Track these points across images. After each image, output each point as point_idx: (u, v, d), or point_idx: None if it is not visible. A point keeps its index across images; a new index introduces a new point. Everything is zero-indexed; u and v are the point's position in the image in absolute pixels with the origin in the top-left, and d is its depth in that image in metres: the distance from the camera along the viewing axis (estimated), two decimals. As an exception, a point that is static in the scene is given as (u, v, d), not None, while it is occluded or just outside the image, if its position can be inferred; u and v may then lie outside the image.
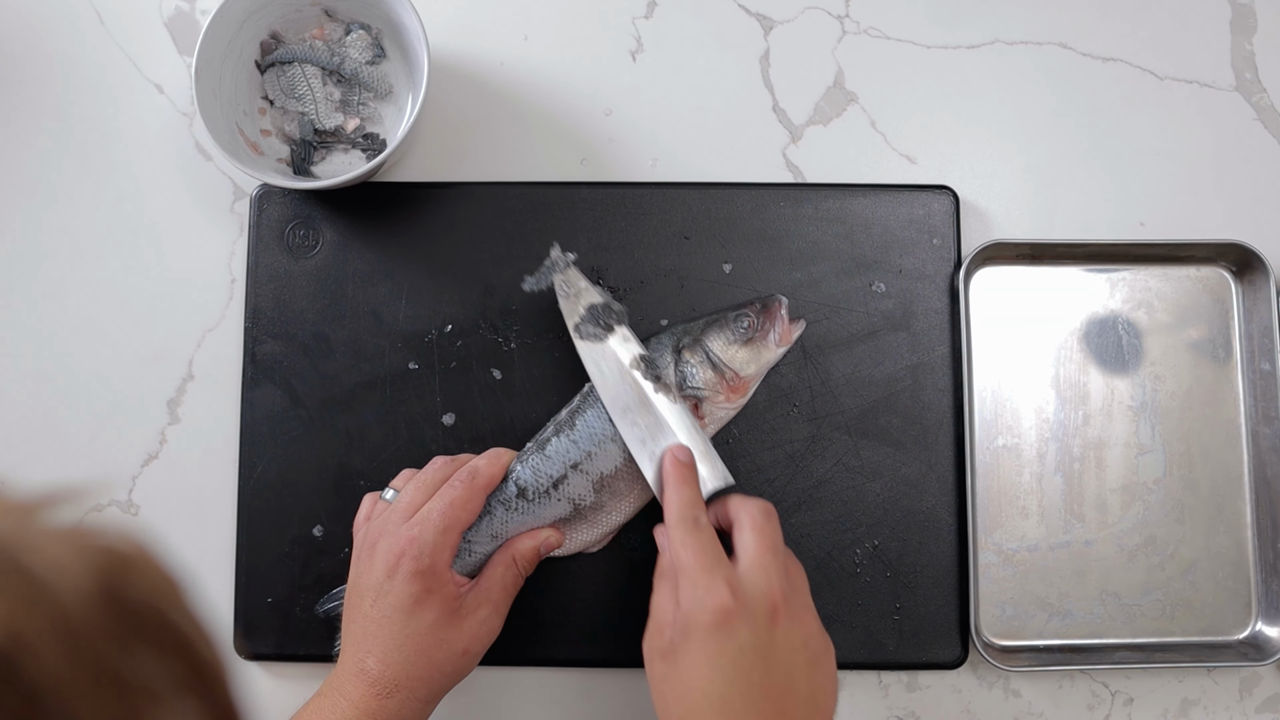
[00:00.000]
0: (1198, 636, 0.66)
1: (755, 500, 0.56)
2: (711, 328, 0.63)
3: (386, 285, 0.67)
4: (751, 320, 0.63)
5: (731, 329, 0.63)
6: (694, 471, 0.57)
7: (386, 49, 0.69)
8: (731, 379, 0.62)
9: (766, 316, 0.63)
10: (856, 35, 0.72)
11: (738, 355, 0.62)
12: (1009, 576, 0.66)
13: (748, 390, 0.63)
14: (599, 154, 0.70)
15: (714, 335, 0.63)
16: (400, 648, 0.55)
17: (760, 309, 0.63)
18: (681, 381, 0.61)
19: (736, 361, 0.62)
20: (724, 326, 0.63)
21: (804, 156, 0.70)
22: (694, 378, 0.62)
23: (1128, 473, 0.67)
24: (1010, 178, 0.70)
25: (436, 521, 0.56)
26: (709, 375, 0.62)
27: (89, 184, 0.70)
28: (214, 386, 0.68)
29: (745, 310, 0.63)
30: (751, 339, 0.63)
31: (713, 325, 0.63)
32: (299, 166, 0.68)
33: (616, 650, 0.64)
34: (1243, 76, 0.71)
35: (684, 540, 0.53)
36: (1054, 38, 0.71)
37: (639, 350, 0.61)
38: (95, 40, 0.71)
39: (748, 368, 0.62)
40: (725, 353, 0.62)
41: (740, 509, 0.55)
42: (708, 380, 0.62)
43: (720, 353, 0.62)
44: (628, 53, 0.71)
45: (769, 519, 0.55)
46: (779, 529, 0.55)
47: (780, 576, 0.53)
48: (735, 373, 0.62)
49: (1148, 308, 0.68)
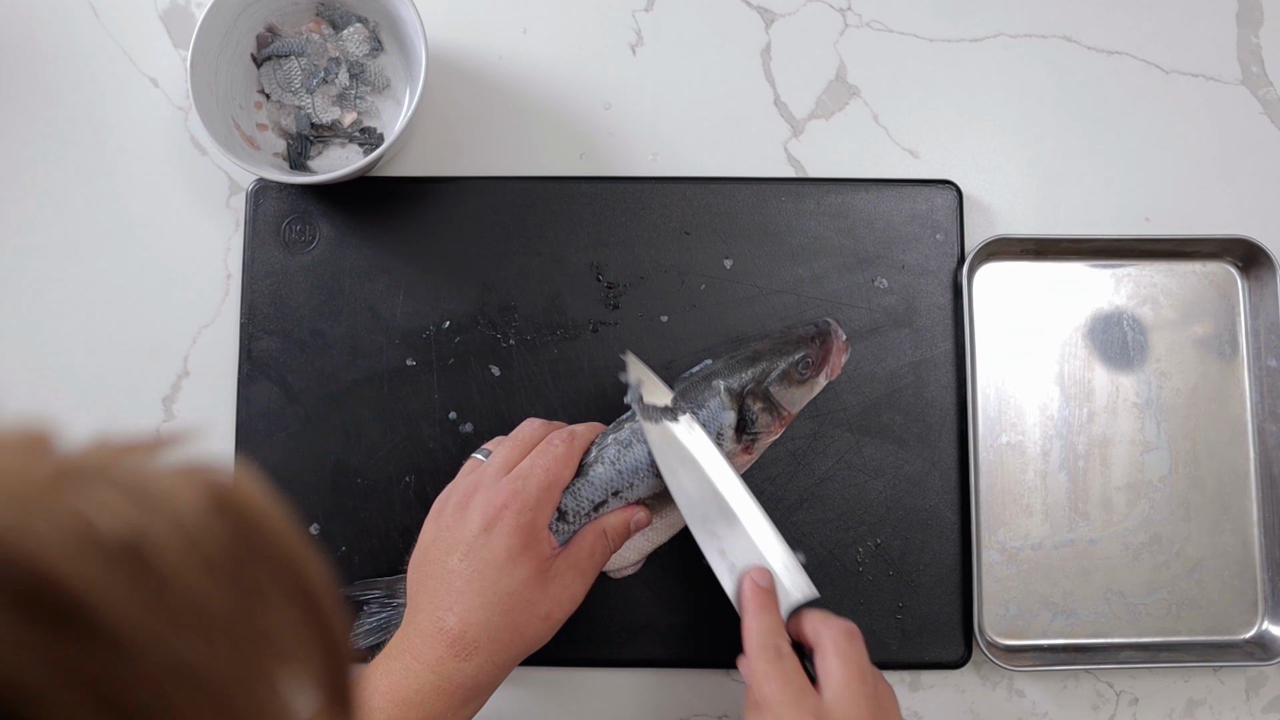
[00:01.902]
0: (1203, 636, 0.65)
1: (837, 621, 0.54)
2: (774, 373, 0.61)
3: (384, 281, 0.67)
4: (813, 361, 0.61)
5: (794, 373, 0.61)
6: (774, 597, 0.56)
7: (384, 42, 0.69)
8: (785, 416, 0.61)
9: (824, 352, 0.61)
10: (859, 28, 0.71)
11: (794, 395, 0.61)
12: (1013, 575, 0.65)
13: (791, 420, 0.62)
14: (598, 148, 0.70)
15: (776, 382, 0.60)
16: (485, 606, 0.53)
17: (819, 345, 0.61)
18: (743, 428, 0.60)
19: (792, 401, 0.61)
20: (786, 371, 0.61)
21: (806, 151, 0.70)
22: (754, 424, 0.60)
23: (1133, 470, 0.66)
24: (1014, 172, 0.70)
25: (540, 477, 0.55)
26: (769, 419, 0.60)
27: (83, 178, 0.69)
28: (210, 383, 0.68)
29: (806, 354, 0.61)
30: (808, 378, 0.61)
31: (774, 369, 0.61)
32: (295, 161, 0.68)
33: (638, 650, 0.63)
34: (1249, 70, 0.70)
35: (767, 673, 0.52)
36: (1058, 31, 0.71)
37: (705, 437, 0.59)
38: (90, 33, 0.71)
39: (799, 404, 0.61)
40: (783, 395, 0.61)
41: (822, 630, 0.53)
42: (765, 424, 0.60)
43: (779, 395, 0.60)
44: (627, 46, 0.71)
45: (853, 641, 0.53)
46: (864, 651, 0.53)
47: (870, 705, 0.51)
48: (789, 410, 0.61)
49: (1153, 304, 0.68)
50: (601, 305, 0.66)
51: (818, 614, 0.55)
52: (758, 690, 0.52)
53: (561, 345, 0.66)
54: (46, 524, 0.22)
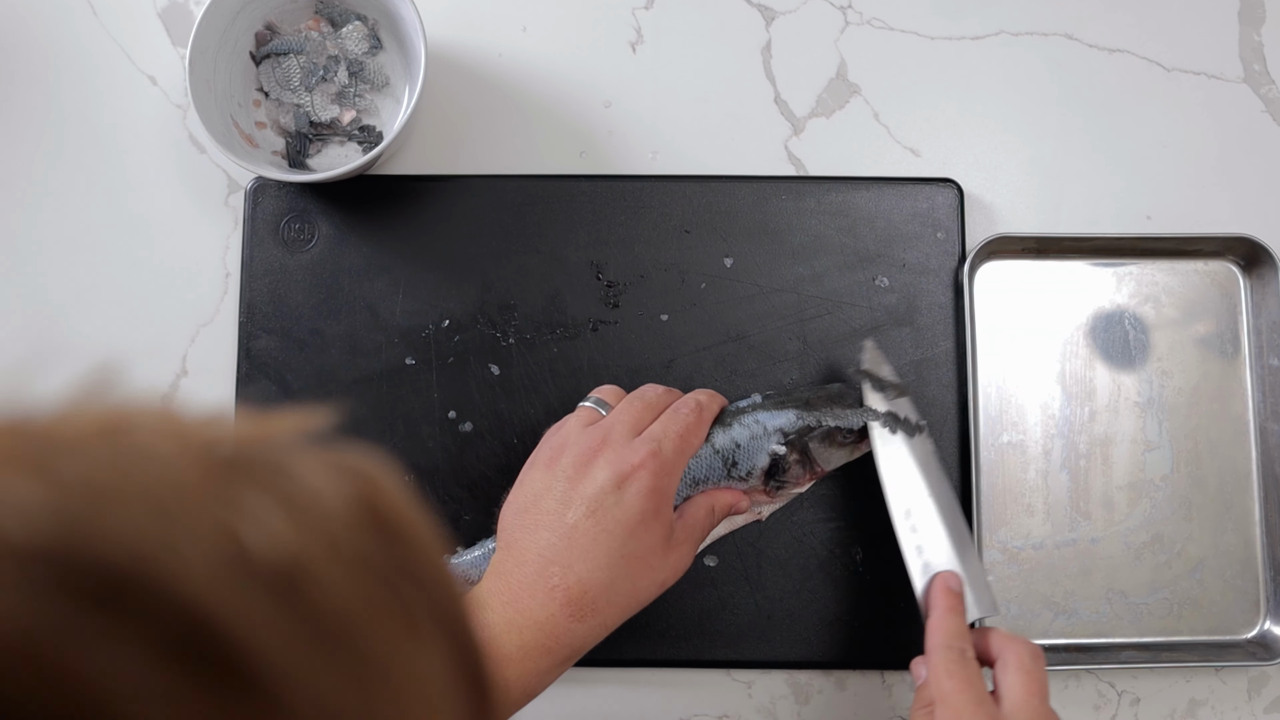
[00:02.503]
0: (1205, 636, 0.65)
1: (1022, 640, 0.54)
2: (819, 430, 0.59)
3: (383, 280, 0.66)
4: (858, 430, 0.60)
5: (839, 435, 0.60)
6: (962, 602, 0.56)
7: (383, 40, 0.69)
8: (817, 472, 0.60)
9: None
10: (859, 26, 0.71)
11: (832, 455, 0.60)
12: (1014, 575, 0.65)
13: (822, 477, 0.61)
14: (598, 146, 0.69)
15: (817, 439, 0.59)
16: (609, 566, 0.51)
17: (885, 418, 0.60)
18: (773, 474, 0.59)
19: (829, 460, 0.60)
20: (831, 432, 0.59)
21: (806, 149, 0.69)
22: (785, 473, 0.59)
23: (1134, 470, 0.66)
24: (1015, 171, 0.69)
25: (675, 443, 0.54)
26: (800, 472, 0.60)
27: (81, 177, 0.69)
28: (208, 382, 0.67)
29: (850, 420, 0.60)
30: (850, 443, 0.61)
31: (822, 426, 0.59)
32: (294, 159, 0.67)
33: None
34: (1251, 68, 0.70)
35: (950, 670, 0.52)
36: (1059, 28, 0.71)
37: None
38: (87, 31, 0.70)
39: (834, 464, 0.61)
40: (821, 453, 0.60)
41: (1006, 647, 0.53)
42: (798, 476, 0.60)
43: (817, 452, 0.60)
44: (627, 44, 0.71)
45: (1037, 661, 0.53)
46: (1046, 675, 0.53)
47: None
48: (823, 469, 0.60)
49: (1155, 302, 0.67)
50: (601, 304, 0.66)
51: (1000, 633, 0.55)
52: (937, 686, 0.52)
53: (561, 344, 0.66)
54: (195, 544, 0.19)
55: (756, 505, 0.61)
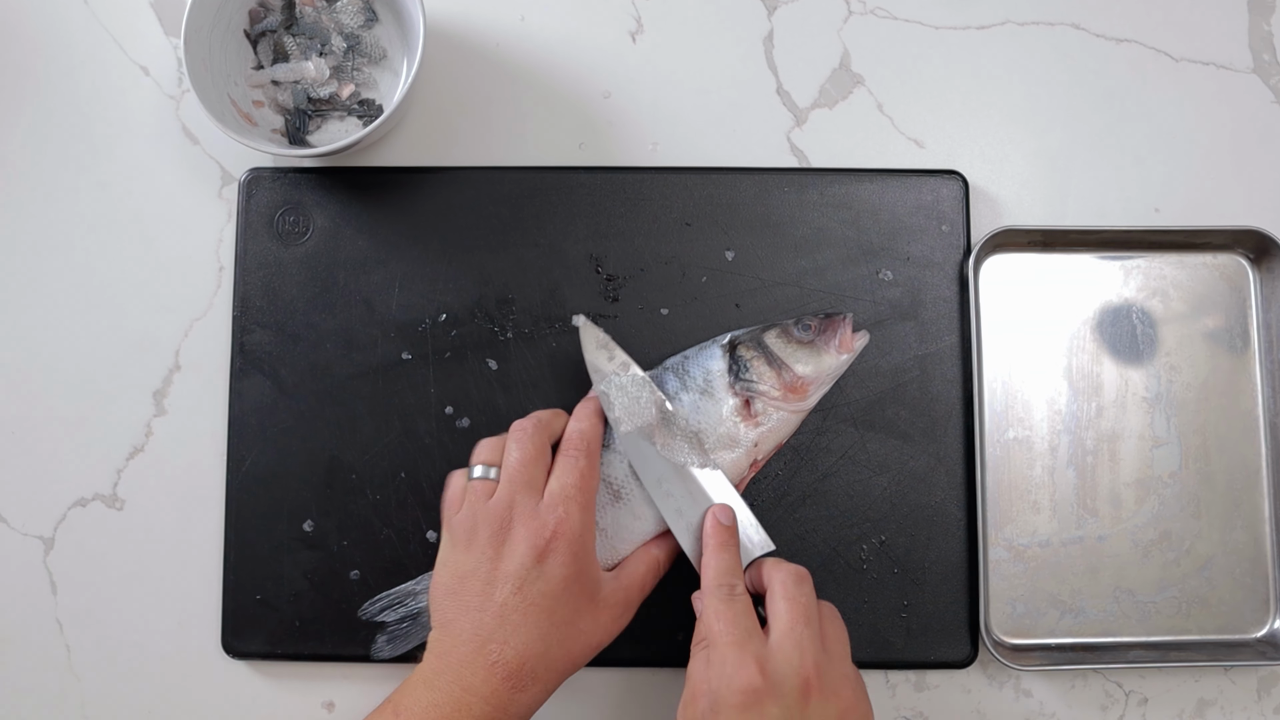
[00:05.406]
0: (1214, 635, 0.64)
1: (788, 565, 0.54)
2: (770, 328, 0.61)
3: (379, 273, 0.65)
4: (814, 324, 0.61)
5: (791, 329, 0.61)
6: (734, 535, 0.56)
7: (378, 12, 0.68)
8: (790, 380, 0.60)
9: (829, 324, 0.61)
10: (863, 15, 0.70)
11: (796, 352, 0.60)
12: (1020, 573, 0.64)
13: (807, 394, 0.60)
14: (598, 138, 0.68)
15: (772, 333, 0.61)
16: (543, 638, 0.53)
17: (823, 318, 0.61)
18: (736, 374, 0.59)
19: (794, 358, 0.60)
20: (784, 327, 0.61)
21: (809, 140, 0.68)
22: (748, 370, 0.60)
23: (1142, 466, 0.65)
24: (1021, 162, 0.68)
25: (579, 499, 0.55)
26: (764, 369, 0.60)
27: (72, 168, 0.68)
28: (201, 377, 0.66)
29: (806, 318, 0.61)
30: (812, 341, 0.60)
31: (771, 326, 0.61)
32: (294, 136, 0.66)
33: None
34: (1260, 58, 0.69)
35: (717, 611, 0.52)
36: (1066, 18, 0.70)
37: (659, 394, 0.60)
38: (79, 20, 0.69)
39: (805, 367, 0.60)
40: (784, 350, 0.60)
41: (773, 574, 0.53)
42: (762, 373, 0.60)
43: (779, 349, 0.60)
44: (627, 33, 0.70)
45: (801, 584, 0.53)
46: (812, 594, 0.53)
47: (814, 647, 0.51)
48: (793, 372, 0.60)
49: (1163, 296, 0.66)
50: (601, 297, 0.65)
51: (770, 560, 0.55)
52: (706, 627, 0.52)
53: (560, 338, 0.65)
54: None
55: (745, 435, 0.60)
